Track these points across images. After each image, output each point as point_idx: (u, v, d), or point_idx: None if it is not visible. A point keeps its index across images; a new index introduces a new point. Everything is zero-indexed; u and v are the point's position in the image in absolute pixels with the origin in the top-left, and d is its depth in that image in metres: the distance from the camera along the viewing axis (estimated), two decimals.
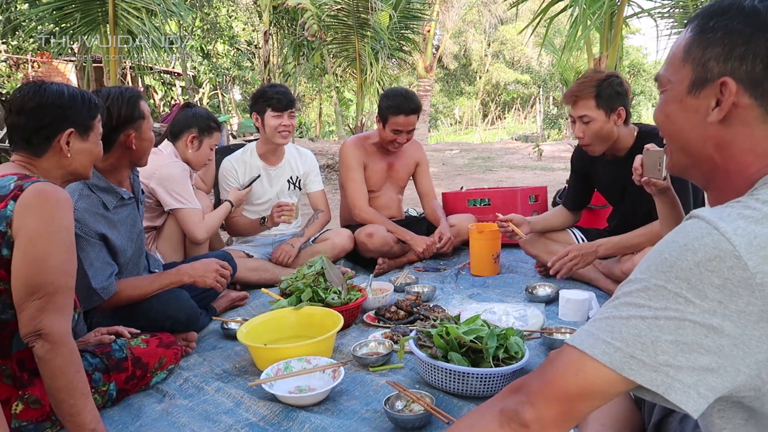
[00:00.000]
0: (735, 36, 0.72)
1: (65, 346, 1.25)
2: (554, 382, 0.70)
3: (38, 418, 1.42)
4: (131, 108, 1.88)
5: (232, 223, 2.98)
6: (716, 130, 0.75)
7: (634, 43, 26.70)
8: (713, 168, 0.79)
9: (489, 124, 23.78)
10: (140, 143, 1.92)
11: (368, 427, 1.48)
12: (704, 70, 0.75)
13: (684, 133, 0.80)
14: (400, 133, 3.03)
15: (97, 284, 1.80)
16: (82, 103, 1.50)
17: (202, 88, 16.63)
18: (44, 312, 1.24)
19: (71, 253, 1.33)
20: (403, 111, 2.96)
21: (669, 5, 4.97)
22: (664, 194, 1.66)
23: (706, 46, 0.74)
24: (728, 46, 0.72)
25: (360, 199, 3.13)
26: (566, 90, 2.33)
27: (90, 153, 1.54)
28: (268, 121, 2.85)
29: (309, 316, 2.09)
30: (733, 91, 0.72)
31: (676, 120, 0.80)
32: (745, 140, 0.74)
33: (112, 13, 5.68)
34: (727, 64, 0.72)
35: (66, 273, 1.30)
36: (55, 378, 1.24)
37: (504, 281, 2.80)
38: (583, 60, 7.43)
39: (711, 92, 0.74)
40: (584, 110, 2.25)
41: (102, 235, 1.84)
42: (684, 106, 0.78)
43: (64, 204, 1.33)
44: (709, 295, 0.63)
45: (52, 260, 1.27)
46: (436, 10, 13.57)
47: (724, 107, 0.73)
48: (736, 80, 0.72)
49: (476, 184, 6.94)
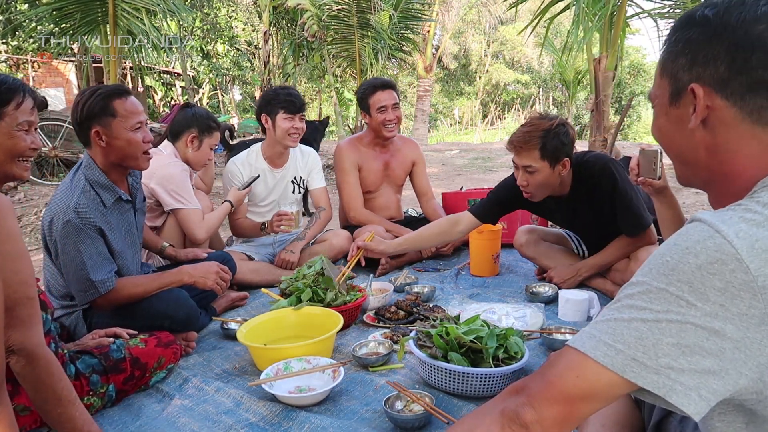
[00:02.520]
0: (694, 45, 0.75)
1: (41, 358, 1.19)
2: (555, 384, 0.71)
3: (32, 425, 1.40)
4: (99, 104, 1.81)
5: (235, 224, 2.98)
6: (701, 136, 0.77)
7: (634, 43, 26.73)
8: (711, 173, 0.80)
9: (489, 125, 23.77)
10: (113, 142, 1.84)
11: (368, 427, 1.48)
12: (676, 80, 0.78)
13: (676, 143, 0.83)
14: (386, 110, 3.06)
15: (95, 277, 1.80)
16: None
17: (202, 88, 16.63)
18: (9, 328, 1.14)
19: (23, 262, 1.20)
20: (377, 87, 3.07)
21: (669, 5, 4.97)
22: (662, 194, 1.66)
23: (675, 58, 0.78)
24: (690, 55, 0.76)
25: (355, 202, 3.14)
26: (510, 136, 2.28)
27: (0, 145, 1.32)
28: (280, 123, 2.85)
29: (309, 316, 2.09)
30: (701, 96, 0.74)
31: (667, 132, 0.83)
32: (730, 142, 0.75)
33: (112, 13, 5.67)
34: (692, 71, 0.76)
35: (22, 283, 1.18)
36: (37, 390, 1.20)
37: (504, 281, 2.80)
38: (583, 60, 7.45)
39: (687, 101, 0.77)
40: (528, 161, 2.21)
41: (100, 229, 1.84)
42: (669, 118, 0.81)
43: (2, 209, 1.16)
44: (711, 298, 0.63)
45: (3, 274, 1.13)
46: (436, 10, 13.56)
47: (698, 112, 0.76)
48: (703, 85, 0.74)
49: (476, 184, 6.94)
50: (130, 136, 1.87)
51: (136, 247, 2.07)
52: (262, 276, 2.78)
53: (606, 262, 2.45)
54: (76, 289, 1.83)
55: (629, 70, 19.79)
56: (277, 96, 2.86)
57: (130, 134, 1.86)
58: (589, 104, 4.77)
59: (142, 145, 1.90)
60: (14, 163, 1.35)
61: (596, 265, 2.48)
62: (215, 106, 17.22)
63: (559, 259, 2.65)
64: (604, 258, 2.45)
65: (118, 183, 1.96)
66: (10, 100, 1.33)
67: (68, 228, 1.77)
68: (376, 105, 3.05)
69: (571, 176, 2.34)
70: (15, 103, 1.34)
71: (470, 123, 23.81)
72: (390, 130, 3.12)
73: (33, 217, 4.99)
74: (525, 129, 2.22)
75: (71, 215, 1.77)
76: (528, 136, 2.19)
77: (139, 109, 1.91)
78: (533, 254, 2.74)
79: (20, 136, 1.35)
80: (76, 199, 1.80)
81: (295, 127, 2.86)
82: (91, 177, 1.88)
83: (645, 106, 20.29)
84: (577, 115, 18.99)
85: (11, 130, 1.33)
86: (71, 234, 1.78)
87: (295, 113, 2.85)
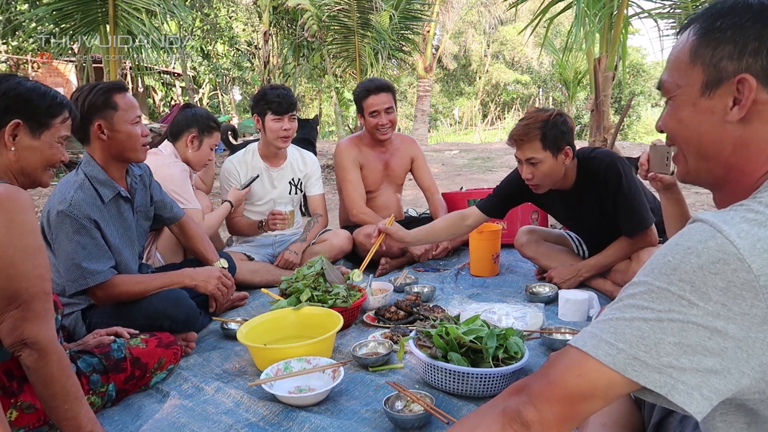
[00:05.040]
0: (746, 33, 0.71)
1: (53, 352, 1.22)
2: (556, 383, 0.70)
3: (35, 423, 1.40)
4: (101, 98, 1.86)
5: (232, 223, 2.98)
6: (735, 130, 0.75)
7: (634, 43, 26.73)
8: (727, 170, 0.78)
9: (489, 125, 23.79)
10: (114, 135, 1.89)
11: (368, 427, 1.48)
12: (716, 69, 0.74)
13: (700, 137, 0.79)
14: (379, 115, 3.04)
15: (88, 265, 1.81)
16: (42, 98, 1.39)
17: (202, 88, 16.64)
18: (25, 321, 1.19)
19: (41, 256, 1.26)
20: (371, 91, 3.03)
21: (669, 5, 4.97)
22: (670, 190, 1.63)
23: (716, 45, 0.74)
24: (740, 44, 0.72)
25: (357, 200, 3.13)
26: (510, 132, 2.30)
27: (40, 153, 1.40)
28: (269, 124, 2.84)
29: (309, 316, 2.08)
30: (754, 87, 0.71)
31: (691, 124, 0.79)
32: (761, 139, 0.73)
33: (112, 13, 5.68)
34: (741, 61, 0.72)
35: (39, 277, 1.23)
36: (47, 386, 1.22)
37: (503, 281, 2.80)
38: (583, 60, 7.44)
39: (726, 91, 0.74)
40: (531, 152, 2.23)
41: (95, 221, 1.85)
42: (698, 109, 0.77)
43: (24, 205, 1.23)
44: (713, 297, 0.63)
45: (22, 267, 1.20)
46: (436, 10, 13.55)
47: (745, 104, 0.72)
48: (754, 76, 0.71)
49: (476, 185, 6.94)
50: (130, 129, 1.92)
51: (133, 246, 2.06)
52: (262, 276, 2.77)
53: (606, 262, 2.45)
54: (67, 278, 1.83)
55: (629, 70, 19.79)
56: (266, 96, 2.82)
57: (130, 127, 1.92)
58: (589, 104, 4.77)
59: (141, 139, 1.95)
60: (45, 171, 1.44)
61: (596, 265, 2.48)
62: (215, 106, 17.23)
63: (560, 259, 2.65)
64: (605, 258, 2.44)
65: (117, 180, 1.97)
66: (59, 114, 1.43)
67: (62, 217, 1.79)
68: (368, 109, 3.04)
69: (575, 169, 2.35)
70: (62, 117, 1.44)
71: (470, 123, 23.82)
72: (383, 134, 3.10)
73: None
74: (524, 122, 2.25)
75: (66, 206, 1.80)
76: (528, 128, 2.22)
77: (136, 104, 1.98)
78: (533, 254, 2.74)
79: (58, 148, 1.44)
80: (72, 193, 1.82)
81: (284, 128, 2.83)
82: (90, 173, 1.91)
83: (645, 106, 20.29)
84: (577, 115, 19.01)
85: (53, 141, 1.42)
86: (65, 223, 1.80)
87: (283, 114, 2.81)
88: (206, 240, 2.38)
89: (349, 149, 3.18)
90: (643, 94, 20.07)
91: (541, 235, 2.77)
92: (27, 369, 1.22)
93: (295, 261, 2.85)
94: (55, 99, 1.42)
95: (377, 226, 2.53)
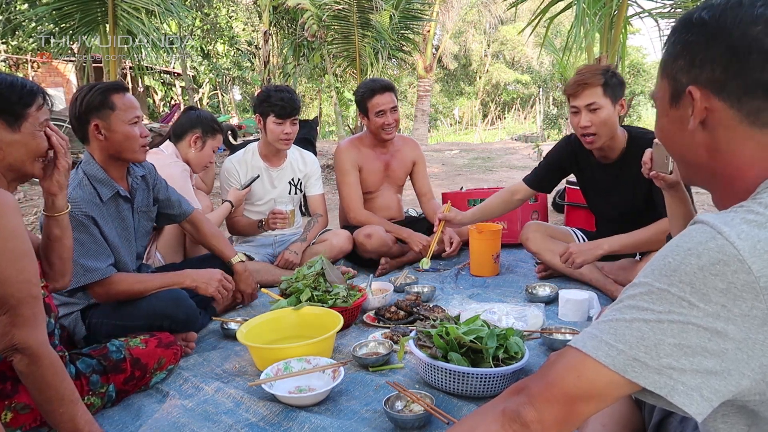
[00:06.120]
0: (692, 47, 0.76)
1: (45, 357, 1.20)
2: (556, 384, 0.71)
3: (32, 424, 1.40)
4: (98, 98, 1.85)
5: (232, 222, 2.98)
6: (702, 137, 0.78)
7: (634, 43, 26.73)
8: (713, 174, 0.80)
9: (489, 125, 23.77)
10: (112, 135, 1.87)
11: (368, 427, 1.48)
12: (676, 82, 0.79)
13: (677, 144, 0.83)
14: (384, 114, 3.03)
15: (86, 262, 1.81)
16: (11, 89, 1.32)
17: (202, 88, 16.64)
18: (14, 327, 1.17)
19: (27, 260, 1.22)
20: (377, 91, 3.02)
21: (669, 5, 4.98)
22: (674, 189, 1.62)
23: (674, 60, 0.79)
24: (689, 57, 0.76)
25: (355, 202, 3.13)
26: (569, 81, 2.31)
27: (24, 146, 1.35)
28: (270, 126, 2.84)
29: (309, 316, 2.08)
30: (697, 98, 0.75)
31: (668, 132, 0.84)
32: (729, 143, 0.75)
33: (112, 13, 5.68)
34: (690, 73, 0.76)
35: (26, 282, 1.20)
36: (41, 390, 1.21)
37: (504, 281, 2.80)
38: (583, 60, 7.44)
39: (687, 102, 0.78)
40: (592, 98, 2.24)
41: (93, 219, 1.85)
42: (670, 119, 0.82)
43: (6, 209, 1.19)
44: (713, 298, 0.63)
45: (6, 272, 1.17)
46: (436, 10, 13.54)
47: (696, 114, 0.76)
48: (700, 87, 0.75)
49: (476, 184, 6.94)
50: (127, 130, 1.89)
51: (131, 246, 2.06)
52: (262, 276, 2.77)
53: (638, 241, 2.30)
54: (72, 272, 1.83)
55: (629, 70, 19.78)
56: (270, 98, 2.82)
57: (127, 128, 1.89)
58: None
59: (139, 140, 1.93)
60: (34, 162, 1.40)
61: (621, 243, 2.33)
62: (215, 106, 17.23)
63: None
64: (639, 237, 2.29)
65: (117, 179, 1.97)
66: (33, 102, 1.37)
67: None
68: (374, 109, 3.03)
69: (625, 140, 2.36)
70: (36, 105, 1.38)
71: (470, 123, 23.81)
72: (388, 133, 3.10)
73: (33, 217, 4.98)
74: (586, 70, 2.29)
75: None
76: (591, 73, 2.25)
77: (136, 104, 1.95)
78: (538, 249, 2.71)
79: (41, 136, 1.39)
80: (71, 191, 1.82)
81: (285, 132, 2.83)
82: (89, 172, 1.91)
83: (645, 106, 20.28)
84: None
85: (34, 130, 1.37)
86: None
87: (285, 118, 2.81)
88: (222, 236, 2.38)
89: (348, 151, 3.17)
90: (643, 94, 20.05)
91: (547, 231, 2.77)
92: (20, 374, 1.20)
93: (295, 261, 2.85)
94: (24, 87, 1.36)
95: (437, 216, 2.63)
